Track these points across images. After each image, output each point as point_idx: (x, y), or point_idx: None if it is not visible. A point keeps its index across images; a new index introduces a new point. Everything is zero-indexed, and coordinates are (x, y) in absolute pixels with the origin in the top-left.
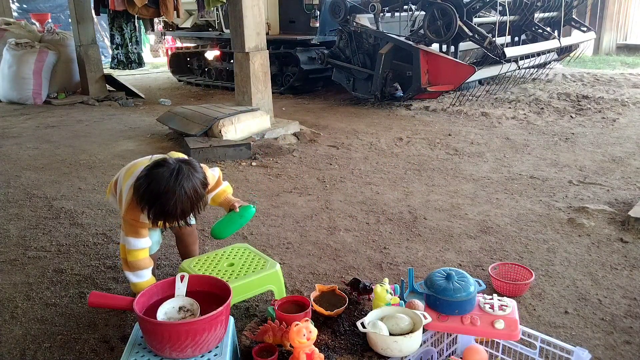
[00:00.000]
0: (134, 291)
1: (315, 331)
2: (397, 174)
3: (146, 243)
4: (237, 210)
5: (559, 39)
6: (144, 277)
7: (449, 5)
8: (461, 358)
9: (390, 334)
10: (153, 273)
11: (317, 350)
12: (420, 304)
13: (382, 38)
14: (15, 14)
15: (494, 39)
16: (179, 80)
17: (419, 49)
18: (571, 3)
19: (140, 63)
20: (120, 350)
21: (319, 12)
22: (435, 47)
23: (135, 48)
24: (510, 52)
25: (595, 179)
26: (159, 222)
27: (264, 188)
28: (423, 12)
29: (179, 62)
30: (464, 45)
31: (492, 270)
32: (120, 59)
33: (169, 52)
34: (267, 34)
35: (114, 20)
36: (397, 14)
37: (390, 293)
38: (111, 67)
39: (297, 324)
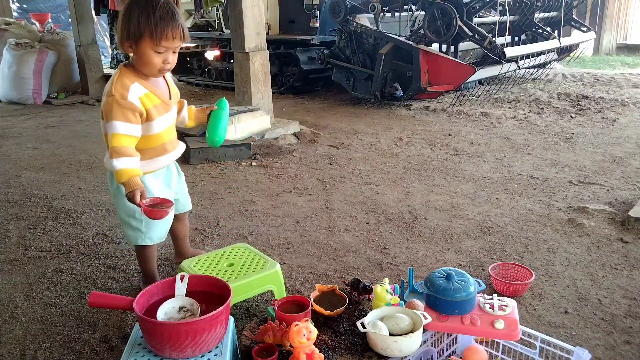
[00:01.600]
0: (117, 180)
1: (315, 331)
2: (397, 174)
3: (133, 131)
4: (215, 108)
5: (559, 39)
6: (127, 165)
7: (449, 5)
8: (461, 358)
9: (390, 334)
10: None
11: (317, 350)
12: (420, 304)
13: (382, 38)
14: (15, 14)
15: (494, 39)
16: (179, 80)
17: (419, 49)
18: (571, 3)
19: None
20: (120, 350)
21: (319, 12)
22: (435, 47)
23: None
24: (510, 52)
25: (595, 179)
26: (160, 45)
27: (264, 188)
28: (423, 12)
29: (178, 62)
30: (464, 45)
31: (492, 270)
32: (120, 59)
33: None
34: (267, 34)
35: (114, 20)
36: (397, 14)
37: (390, 293)
38: (110, 67)
39: (297, 324)
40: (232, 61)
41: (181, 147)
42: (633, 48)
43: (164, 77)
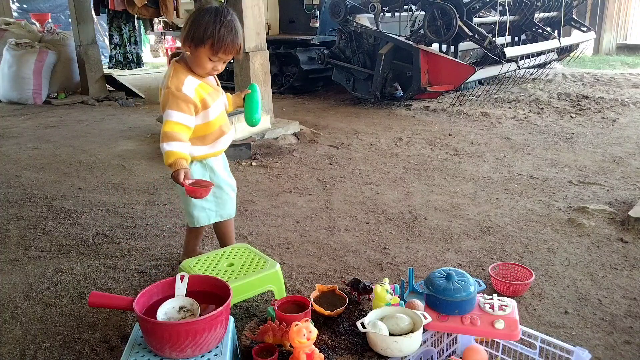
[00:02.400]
0: (165, 162)
1: (315, 331)
2: (397, 174)
3: (185, 120)
4: (248, 92)
5: (559, 39)
6: (175, 148)
7: (449, 5)
8: (461, 358)
9: (390, 334)
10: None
11: (317, 350)
12: (420, 304)
13: (382, 38)
14: (15, 14)
15: (494, 39)
16: None
17: (419, 49)
18: (571, 3)
19: (138, 63)
20: (120, 350)
21: (319, 12)
22: (435, 47)
23: (134, 48)
24: (510, 52)
25: (595, 179)
26: (216, 55)
27: (264, 188)
28: (423, 12)
29: None
30: (464, 45)
31: (492, 270)
32: (119, 59)
33: (169, 52)
34: (267, 34)
35: (113, 20)
36: (397, 14)
37: (390, 293)
38: (109, 67)
39: (297, 324)
40: (232, 61)
41: (233, 130)
42: (633, 48)
43: None
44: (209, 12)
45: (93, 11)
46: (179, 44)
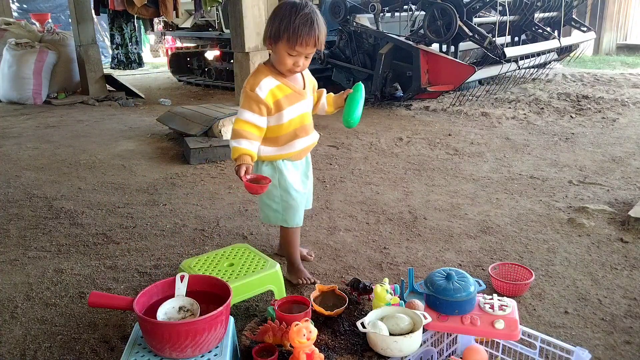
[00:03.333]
0: (232, 157)
1: (315, 331)
2: (397, 174)
3: (255, 120)
4: (351, 91)
5: (559, 39)
6: (242, 144)
7: (449, 5)
8: (461, 358)
9: (390, 334)
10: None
11: (317, 350)
12: (420, 304)
13: (382, 38)
14: (15, 14)
15: (494, 39)
16: (179, 80)
17: (419, 49)
18: (571, 3)
19: (140, 63)
20: (120, 350)
21: None
22: (435, 47)
23: (135, 48)
24: (510, 52)
25: (595, 179)
26: (294, 49)
27: None
28: (423, 12)
29: (179, 62)
30: (464, 45)
31: (492, 270)
32: (120, 59)
33: (169, 52)
34: None
35: (114, 20)
36: (397, 14)
37: (390, 293)
38: (111, 67)
39: (297, 324)
40: (232, 61)
41: (315, 135)
42: (633, 48)
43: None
44: (286, 6)
45: (93, 11)
46: (179, 44)
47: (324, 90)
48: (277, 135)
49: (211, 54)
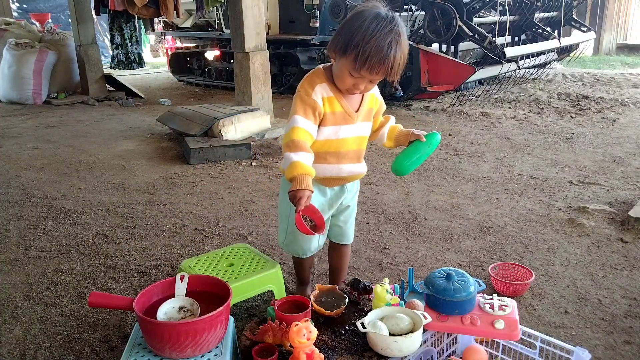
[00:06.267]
0: (287, 175)
1: (315, 331)
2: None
3: (310, 127)
4: (424, 139)
5: (559, 39)
6: (303, 159)
7: (449, 5)
8: (461, 358)
9: (390, 334)
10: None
11: (317, 350)
12: (420, 304)
13: None
14: (15, 14)
15: (494, 39)
16: (179, 80)
17: (419, 49)
18: (571, 3)
19: (140, 63)
20: (120, 350)
21: (319, 12)
22: (435, 47)
23: (136, 48)
24: (510, 52)
25: (595, 179)
26: (358, 72)
27: (264, 188)
28: (423, 12)
29: (179, 62)
30: (464, 45)
31: (492, 270)
32: (121, 59)
33: (169, 52)
34: (267, 34)
35: (114, 20)
36: (397, 14)
37: (390, 293)
38: (111, 67)
39: (297, 324)
40: (232, 61)
41: (356, 167)
42: (633, 48)
43: None
44: (364, 18)
45: (93, 11)
46: (179, 44)
47: (392, 118)
48: None
49: (211, 54)
